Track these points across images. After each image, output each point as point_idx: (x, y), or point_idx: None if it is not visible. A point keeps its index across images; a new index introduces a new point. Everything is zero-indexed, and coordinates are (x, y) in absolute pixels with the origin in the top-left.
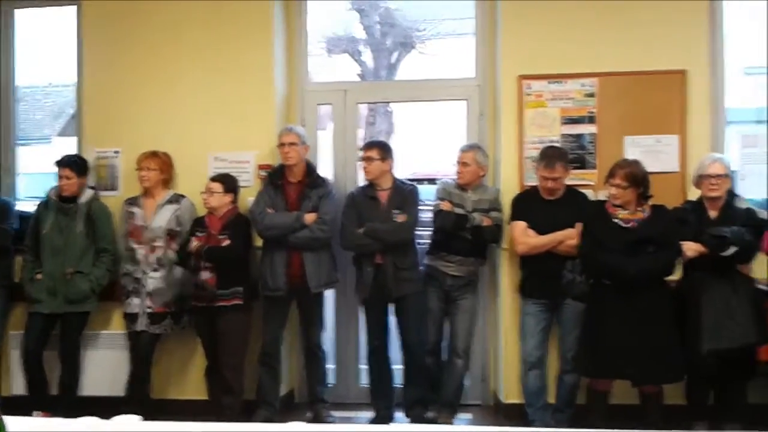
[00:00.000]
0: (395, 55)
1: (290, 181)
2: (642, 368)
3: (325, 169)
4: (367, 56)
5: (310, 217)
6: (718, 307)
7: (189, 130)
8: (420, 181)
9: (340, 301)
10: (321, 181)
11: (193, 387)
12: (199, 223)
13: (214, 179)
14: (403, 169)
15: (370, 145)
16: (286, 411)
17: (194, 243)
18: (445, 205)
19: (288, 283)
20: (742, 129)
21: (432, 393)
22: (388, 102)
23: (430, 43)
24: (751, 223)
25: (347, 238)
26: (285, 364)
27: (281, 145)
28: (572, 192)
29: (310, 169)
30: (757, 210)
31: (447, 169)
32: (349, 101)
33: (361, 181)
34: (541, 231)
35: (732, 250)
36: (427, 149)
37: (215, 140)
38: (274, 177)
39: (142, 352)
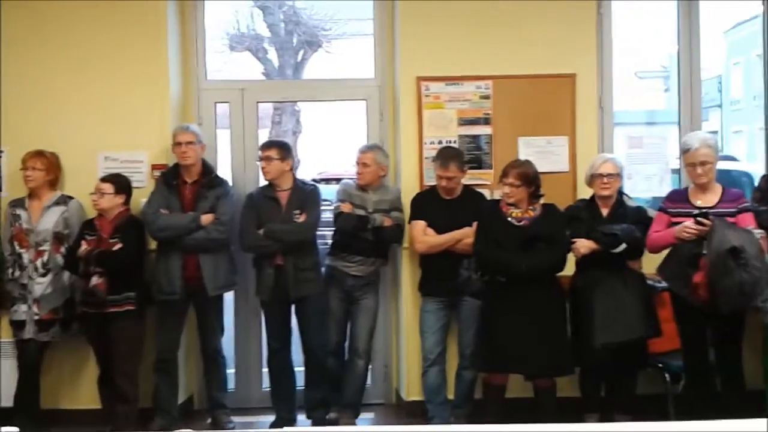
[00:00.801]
0: (301, 54)
1: (186, 181)
2: (533, 362)
3: (224, 170)
4: (273, 54)
5: (206, 218)
6: (609, 301)
7: (78, 128)
8: (328, 180)
9: (240, 303)
10: (218, 181)
11: (86, 396)
12: (88, 226)
13: (104, 180)
14: (310, 168)
15: (268, 145)
16: (185, 418)
17: (84, 247)
18: (346, 207)
19: (184, 286)
20: (629, 130)
21: (334, 394)
22: (287, 101)
23: (336, 42)
24: (640, 220)
25: (246, 239)
26: (183, 370)
27: (177, 144)
28: (470, 191)
29: (207, 169)
30: (647, 209)
31: (354, 169)
32: (247, 100)
33: (262, 181)
34: (440, 230)
35: (622, 247)
36: (335, 149)
37: (106, 139)
38: (169, 177)
39: (30, 360)
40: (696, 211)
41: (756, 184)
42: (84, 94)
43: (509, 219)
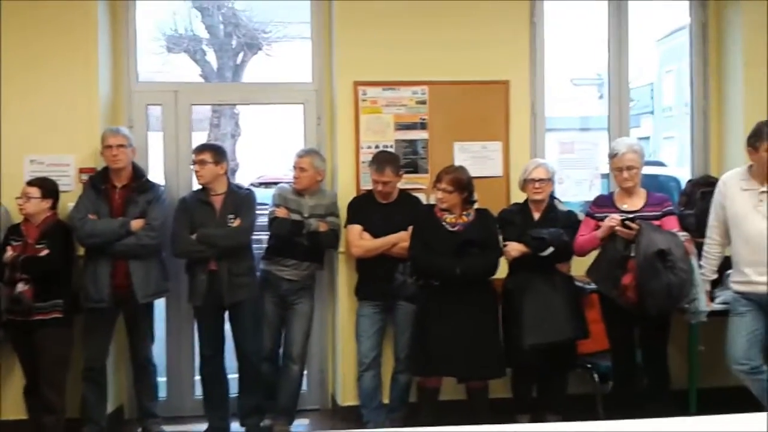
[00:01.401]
0: (240, 56)
1: (115, 186)
2: (465, 365)
3: (157, 173)
4: (212, 56)
5: (136, 224)
6: (538, 303)
7: (3, 130)
8: (267, 184)
9: (172, 310)
10: (149, 186)
11: (12, 406)
12: (14, 231)
13: (30, 183)
14: (249, 172)
15: (202, 148)
16: (114, 428)
17: (9, 253)
18: (280, 212)
19: (112, 294)
20: (561, 136)
21: (268, 400)
22: (222, 104)
23: (276, 45)
24: (571, 224)
25: (179, 244)
26: (112, 379)
27: (107, 147)
28: (406, 196)
29: (137, 173)
30: (578, 213)
31: (292, 173)
32: (180, 102)
33: (195, 185)
34: (377, 234)
35: (550, 250)
36: (274, 152)
37: (32, 142)
38: (97, 181)
39: None
40: (623, 216)
41: (683, 188)
42: (9, 95)
43: (443, 224)
